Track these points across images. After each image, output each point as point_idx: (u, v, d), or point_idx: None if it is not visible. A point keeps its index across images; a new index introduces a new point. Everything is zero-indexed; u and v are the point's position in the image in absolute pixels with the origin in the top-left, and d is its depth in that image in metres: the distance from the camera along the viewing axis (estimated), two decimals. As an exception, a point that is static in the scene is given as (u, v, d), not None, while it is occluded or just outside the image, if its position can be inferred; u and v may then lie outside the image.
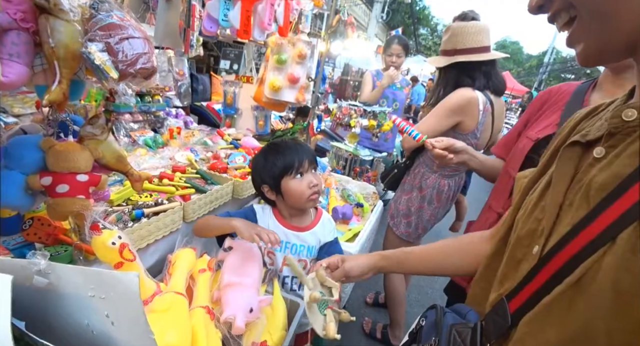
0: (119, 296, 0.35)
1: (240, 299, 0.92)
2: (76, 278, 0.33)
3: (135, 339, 0.36)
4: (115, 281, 0.35)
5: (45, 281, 0.32)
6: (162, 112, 2.27)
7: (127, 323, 0.36)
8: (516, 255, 0.56)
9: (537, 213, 0.55)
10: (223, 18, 1.23)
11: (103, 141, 0.82)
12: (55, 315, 0.35)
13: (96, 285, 0.35)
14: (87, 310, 0.35)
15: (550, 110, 1.16)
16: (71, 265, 0.37)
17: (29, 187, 0.73)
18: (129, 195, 1.21)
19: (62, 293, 0.34)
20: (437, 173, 1.85)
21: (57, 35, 0.62)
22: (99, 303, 0.35)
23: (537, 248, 0.51)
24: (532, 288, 0.47)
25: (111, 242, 0.74)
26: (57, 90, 0.64)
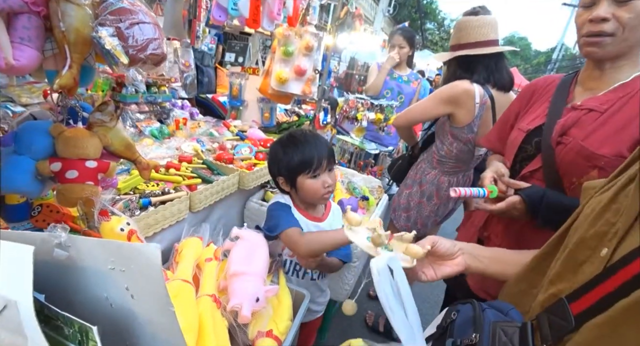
0: (139, 269, 0.35)
1: (246, 288, 0.92)
2: (96, 250, 0.33)
3: (155, 312, 0.36)
4: (136, 253, 0.34)
5: (65, 254, 0.32)
6: (168, 103, 2.27)
7: (148, 296, 0.36)
8: (578, 257, 0.55)
9: (609, 216, 0.53)
10: (233, 7, 1.22)
11: (112, 128, 0.82)
12: (75, 288, 0.35)
13: (116, 257, 0.35)
14: (106, 283, 0.35)
15: (539, 102, 1.17)
16: (91, 238, 0.37)
17: (38, 172, 0.73)
18: (136, 184, 1.21)
19: (82, 266, 0.34)
20: (437, 170, 1.84)
21: (67, 19, 0.61)
22: (119, 276, 0.35)
23: (605, 251, 0.49)
24: (604, 291, 0.46)
25: (120, 228, 0.74)
26: (68, 75, 0.63)
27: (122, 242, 0.34)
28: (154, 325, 0.37)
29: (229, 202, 1.53)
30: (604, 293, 0.46)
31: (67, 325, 0.30)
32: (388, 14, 14.76)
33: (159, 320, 0.36)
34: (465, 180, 1.89)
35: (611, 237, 0.50)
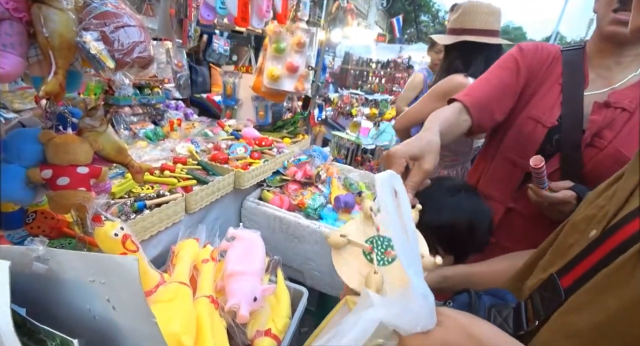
0: (119, 281, 0.35)
1: (244, 288, 0.93)
2: (76, 263, 0.33)
3: (138, 323, 0.36)
4: (115, 265, 0.35)
5: (45, 268, 0.32)
6: (161, 105, 2.26)
7: (129, 308, 0.37)
8: (567, 241, 0.55)
9: (600, 201, 0.53)
10: (220, 5, 1.21)
11: (102, 133, 0.81)
12: (57, 301, 0.35)
13: (96, 270, 0.35)
14: (88, 295, 0.35)
15: (545, 80, 1.03)
16: (70, 251, 0.37)
17: (29, 180, 0.73)
18: (130, 188, 1.21)
19: (63, 279, 0.34)
20: None
21: (50, 24, 0.61)
22: (100, 288, 0.35)
23: (594, 232, 0.49)
24: (591, 262, 0.47)
25: (113, 233, 0.74)
26: (54, 81, 0.63)
27: (100, 254, 0.34)
28: (137, 336, 0.37)
29: (225, 202, 1.53)
30: (590, 264, 0.47)
31: (49, 338, 0.30)
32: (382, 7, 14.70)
33: (141, 330, 0.37)
34: (464, 172, 1.89)
35: (600, 219, 0.50)
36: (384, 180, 0.48)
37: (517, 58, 1.06)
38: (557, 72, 1.02)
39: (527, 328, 0.53)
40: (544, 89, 1.04)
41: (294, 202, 1.63)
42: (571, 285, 0.49)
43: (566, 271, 0.51)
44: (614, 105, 0.91)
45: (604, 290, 0.44)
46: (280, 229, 1.59)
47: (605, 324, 0.42)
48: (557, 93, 1.00)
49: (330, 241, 0.58)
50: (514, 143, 1.07)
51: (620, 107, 0.90)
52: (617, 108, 0.91)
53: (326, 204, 1.68)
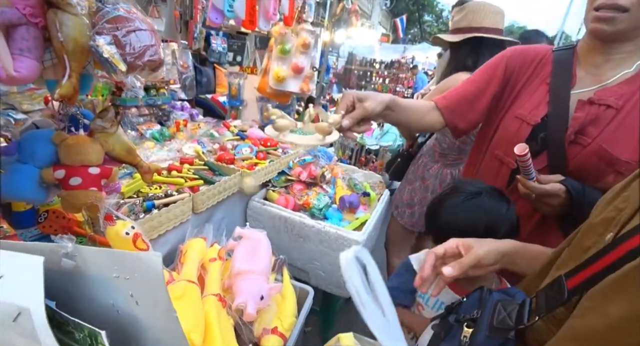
0: (142, 277, 0.36)
1: (251, 287, 0.94)
2: (101, 260, 0.35)
3: (159, 317, 0.38)
4: (139, 262, 0.36)
5: (72, 264, 0.34)
6: (167, 105, 2.28)
7: (151, 302, 0.38)
8: (584, 243, 0.54)
9: (618, 202, 0.52)
10: (228, 9, 1.22)
11: (113, 134, 0.83)
12: (81, 296, 0.37)
13: (120, 266, 0.36)
14: (111, 290, 0.37)
15: (532, 80, 1.06)
16: (96, 247, 0.38)
17: (42, 180, 0.75)
18: (139, 187, 1.23)
19: (88, 275, 0.35)
20: (440, 163, 1.84)
21: (65, 29, 0.62)
22: (124, 284, 0.37)
23: (610, 236, 0.49)
24: (598, 267, 0.47)
25: (125, 231, 0.76)
26: (68, 84, 0.65)
27: (125, 251, 0.35)
28: (158, 330, 0.39)
29: (231, 202, 1.54)
30: (598, 268, 0.47)
31: (77, 330, 0.32)
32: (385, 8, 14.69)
33: (162, 325, 0.38)
34: None
35: (617, 223, 0.50)
36: (349, 260, 0.49)
37: (499, 61, 1.11)
38: (546, 72, 1.03)
39: (528, 323, 0.55)
40: (531, 89, 1.06)
41: (299, 202, 1.64)
42: (576, 286, 0.49)
43: (575, 272, 0.51)
44: (597, 103, 0.91)
45: (607, 297, 0.44)
46: (286, 229, 1.61)
47: (605, 331, 0.42)
48: (545, 93, 1.01)
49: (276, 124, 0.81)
50: (501, 141, 1.10)
51: (605, 104, 0.91)
52: (602, 105, 0.91)
53: (331, 204, 1.69)
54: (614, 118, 0.90)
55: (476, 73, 1.16)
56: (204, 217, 1.39)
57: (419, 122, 1.11)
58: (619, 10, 0.83)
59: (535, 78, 1.06)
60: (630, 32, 0.87)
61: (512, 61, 1.09)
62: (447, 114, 1.11)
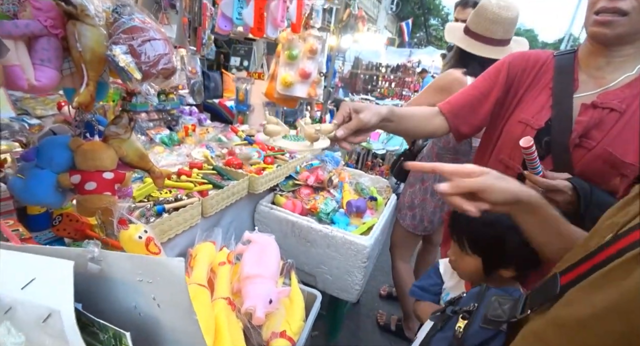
0: (165, 281, 0.38)
1: (259, 290, 0.95)
2: (126, 264, 0.36)
3: (180, 319, 0.39)
4: (161, 267, 0.37)
5: (98, 268, 0.35)
6: (176, 110, 2.32)
7: (172, 305, 0.39)
8: (588, 244, 0.53)
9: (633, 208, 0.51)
10: (237, 16, 1.25)
11: (126, 140, 0.85)
12: (105, 298, 0.38)
13: (144, 270, 0.38)
14: (135, 293, 0.38)
15: (535, 86, 1.07)
16: (121, 252, 0.40)
17: (59, 185, 0.77)
18: (149, 192, 1.25)
19: (113, 278, 0.37)
20: None
21: (84, 39, 0.65)
22: (147, 287, 0.38)
23: (610, 236, 0.49)
24: (592, 263, 0.47)
25: (138, 235, 0.77)
26: (86, 93, 0.67)
27: (149, 256, 0.37)
28: (178, 332, 0.40)
29: (239, 206, 1.56)
30: (590, 265, 0.48)
31: (102, 331, 0.33)
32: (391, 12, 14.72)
33: (183, 327, 0.40)
34: None
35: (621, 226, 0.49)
36: None
37: (500, 67, 1.13)
38: (548, 77, 1.04)
39: (520, 316, 0.56)
40: (533, 94, 1.06)
41: (307, 206, 1.66)
42: (568, 283, 0.50)
43: (569, 270, 0.52)
44: (601, 106, 0.92)
45: (595, 289, 0.45)
46: (293, 233, 1.62)
47: (590, 319, 0.43)
48: (547, 97, 1.02)
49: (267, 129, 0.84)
50: (505, 146, 1.11)
51: (608, 107, 0.91)
52: (605, 108, 0.91)
53: (338, 209, 1.70)
54: (617, 121, 0.90)
55: (479, 79, 1.18)
56: (212, 221, 1.40)
57: (421, 129, 1.14)
58: (619, 14, 0.84)
59: (538, 83, 1.07)
60: (630, 35, 0.87)
61: (514, 67, 1.10)
62: (451, 119, 1.13)
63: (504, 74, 1.11)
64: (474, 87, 1.17)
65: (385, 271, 2.67)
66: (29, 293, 0.28)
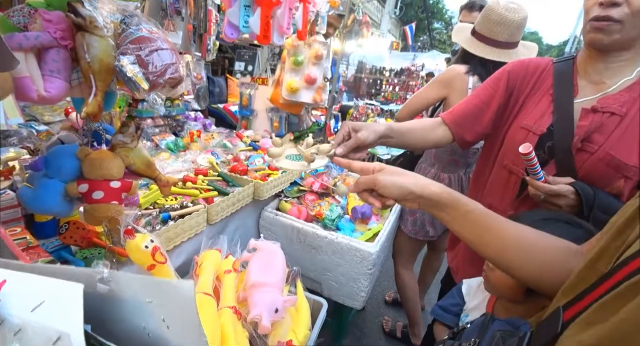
0: (175, 303, 0.37)
1: (266, 299, 0.94)
2: (136, 286, 0.36)
3: (189, 341, 0.39)
4: (172, 289, 0.37)
5: (107, 289, 0.35)
6: (182, 116, 2.33)
7: (182, 327, 0.39)
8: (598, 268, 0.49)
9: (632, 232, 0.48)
10: (244, 25, 1.25)
11: (133, 149, 0.85)
12: (115, 319, 0.38)
13: (154, 292, 0.37)
14: (144, 314, 0.38)
15: (535, 92, 1.09)
16: (131, 274, 0.40)
17: (67, 194, 0.77)
18: (155, 199, 1.25)
19: (122, 299, 0.37)
20: (436, 167, 1.84)
21: (92, 50, 0.65)
22: (156, 309, 0.38)
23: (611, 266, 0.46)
24: (591, 299, 0.44)
25: (144, 245, 0.77)
26: (94, 103, 0.67)
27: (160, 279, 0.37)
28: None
29: (244, 212, 1.56)
30: (592, 299, 0.44)
31: (111, 354, 0.33)
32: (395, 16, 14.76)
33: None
34: (468, 177, 1.86)
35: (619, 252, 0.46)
36: None
37: (501, 75, 1.15)
38: (548, 84, 1.07)
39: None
40: (534, 100, 1.09)
41: (312, 213, 1.65)
42: (570, 319, 0.46)
43: (572, 304, 0.48)
44: (601, 110, 0.94)
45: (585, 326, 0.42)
46: (298, 240, 1.61)
47: None
48: (548, 104, 1.04)
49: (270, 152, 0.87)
50: (509, 152, 1.12)
51: (608, 111, 0.93)
52: (606, 113, 0.93)
53: (343, 215, 1.70)
54: (619, 125, 0.92)
55: (480, 88, 1.21)
56: (218, 228, 1.40)
57: (424, 141, 1.17)
58: (614, 21, 0.87)
59: (539, 90, 1.09)
60: (627, 41, 0.90)
61: (515, 74, 1.13)
62: (455, 128, 1.17)
63: (504, 82, 1.14)
64: (476, 96, 1.19)
65: (390, 277, 2.65)
66: (38, 316, 0.28)
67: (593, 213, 0.90)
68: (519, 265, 0.63)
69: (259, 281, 1.00)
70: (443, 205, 0.66)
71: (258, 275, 1.02)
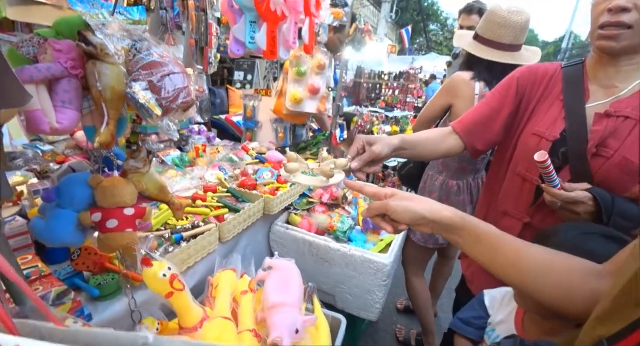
0: None
1: (285, 320, 0.92)
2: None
3: None
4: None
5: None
6: (186, 130, 2.32)
7: None
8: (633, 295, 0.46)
9: None
10: (250, 40, 1.25)
11: (145, 173, 0.84)
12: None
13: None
14: None
15: (546, 98, 1.08)
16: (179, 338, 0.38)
17: (80, 224, 0.75)
18: (166, 219, 1.23)
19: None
20: (444, 174, 1.82)
21: (104, 78, 0.64)
22: None
23: None
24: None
25: (162, 274, 0.75)
26: (107, 132, 0.66)
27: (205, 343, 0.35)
28: None
29: (254, 227, 1.54)
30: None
31: None
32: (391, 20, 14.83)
33: None
34: (477, 183, 1.84)
35: None
36: None
37: (510, 83, 1.15)
38: (558, 89, 1.06)
39: None
40: (545, 106, 1.08)
41: (323, 225, 1.63)
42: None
43: (619, 338, 0.43)
44: (615, 115, 0.93)
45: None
46: (310, 253, 1.59)
47: None
48: (559, 109, 1.03)
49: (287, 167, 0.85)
50: (521, 159, 1.11)
51: (622, 115, 0.92)
52: (620, 117, 0.92)
53: (354, 226, 1.67)
54: (633, 129, 0.91)
55: (489, 96, 1.20)
56: (230, 246, 1.38)
57: (436, 151, 1.16)
58: (623, 27, 0.87)
59: (549, 95, 1.08)
60: (637, 46, 0.90)
61: (523, 81, 1.12)
62: (466, 137, 1.16)
63: (513, 89, 1.13)
64: (485, 104, 1.19)
65: (401, 284, 2.62)
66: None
67: (612, 220, 0.88)
68: (535, 287, 0.62)
69: (277, 301, 0.97)
70: (456, 228, 0.66)
71: (275, 295, 0.99)
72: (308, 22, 1.42)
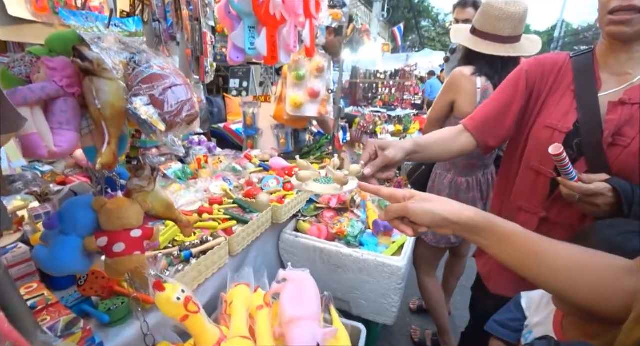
0: None
1: (305, 335, 0.88)
2: None
3: None
4: None
5: None
6: (186, 142, 2.28)
7: None
8: None
9: None
10: (250, 47, 1.21)
11: (150, 192, 0.80)
12: None
13: None
14: None
15: (556, 89, 1.06)
16: None
17: (85, 249, 0.71)
18: (173, 235, 1.19)
19: None
20: (452, 172, 1.79)
21: (102, 95, 0.60)
22: None
23: None
24: None
25: (176, 297, 0.72)
26: (108, 152, 0.62)
27: None
28: None
29: (263, 237, 1.50)
30: None
31: None
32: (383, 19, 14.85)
33: None
34: (487, 179, 1.81)
35: None
36: None
37: (518, 76, 1.12)
38: (569, 79, 1.03)
39: None
40: (555, 98, 1.06)
41: (332, 230, 1.59)
42: None
43: None
44: (629, 102, 0.90)
45: None
46: (322, 260, 1.55)
47: None
48: (571, 100, 1.01)
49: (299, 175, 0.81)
50: (534, 152, 1.09)
51: (636, 103, 0.89)
52: (634, 104, 0.90)
53: (365, 230, 1.64)
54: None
55: (498, 90, 1.18)
56: (240, 258, 1.34)
57: (448, 151, 1.14)
58: (635, 11, 0.84)
59: (559, 86, 1.06)
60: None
61: (532, 74, 1.10)
62: (478, 134, 1.13)
63: (522, 82, 1.10)
64: (495, 99, 1.16)
65: (413, 284, 2.57)
66: None
67: (633, 210, 0.85)
68: (567, 288, 0.59)
69: (294, 315, 0.93)
70: (479, 228, 0.63)
71: (292, 308, 0.95)
72: (309, 24, 1.39)
